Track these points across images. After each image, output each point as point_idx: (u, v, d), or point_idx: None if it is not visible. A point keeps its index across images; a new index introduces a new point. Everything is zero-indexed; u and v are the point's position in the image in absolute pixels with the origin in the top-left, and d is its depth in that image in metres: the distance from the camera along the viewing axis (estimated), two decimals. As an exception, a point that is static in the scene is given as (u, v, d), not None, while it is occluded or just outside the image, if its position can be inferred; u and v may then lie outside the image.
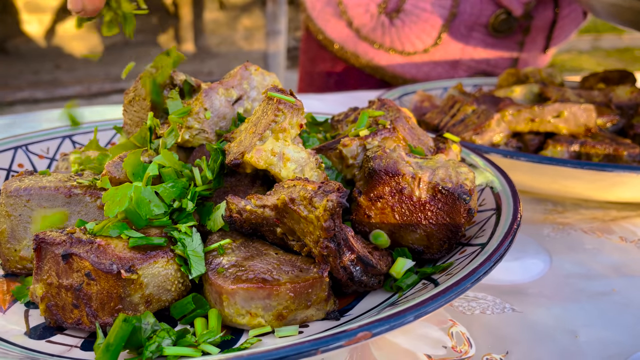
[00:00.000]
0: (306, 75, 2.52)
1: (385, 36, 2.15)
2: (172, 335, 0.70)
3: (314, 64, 2.44)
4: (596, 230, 1.21)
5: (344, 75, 2.35)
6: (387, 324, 0.62)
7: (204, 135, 0.96)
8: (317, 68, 2.42)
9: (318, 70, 2.42)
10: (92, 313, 0.75)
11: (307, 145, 1.05)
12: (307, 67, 2.49)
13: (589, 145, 1.35)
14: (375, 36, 2.16)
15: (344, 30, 2.23)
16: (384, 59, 2.21)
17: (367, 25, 2.15)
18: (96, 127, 1.19)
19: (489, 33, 2.08)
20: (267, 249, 0.83)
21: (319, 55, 2.39)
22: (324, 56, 2.37)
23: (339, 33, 2.26)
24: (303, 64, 2.55)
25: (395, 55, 2.18)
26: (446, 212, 0.87)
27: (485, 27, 2.06)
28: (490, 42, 2.10)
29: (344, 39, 2.25)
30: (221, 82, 0.99)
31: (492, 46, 2.12)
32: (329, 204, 0.73)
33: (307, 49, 2.47)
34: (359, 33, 2.17)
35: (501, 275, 1.04)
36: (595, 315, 0.92)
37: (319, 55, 2.39)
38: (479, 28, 2.07)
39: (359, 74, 2.30)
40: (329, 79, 2.39)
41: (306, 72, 2.52)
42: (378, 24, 2.13)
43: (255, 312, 0.74)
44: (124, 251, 0.76)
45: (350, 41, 2.24)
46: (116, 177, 0.85)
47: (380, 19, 2.11)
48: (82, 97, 7.67)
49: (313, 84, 2.48)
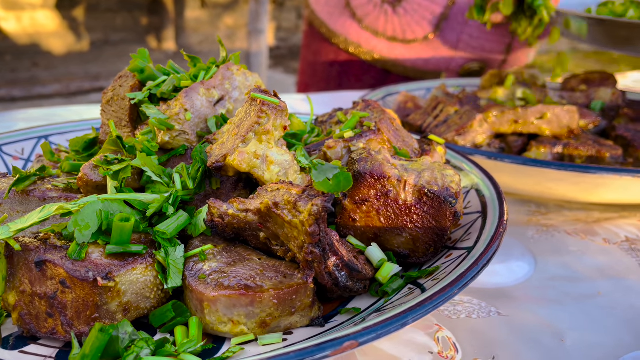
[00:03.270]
0: (309, 67, 2.64)
1: (387, 25, 2.25)
2: (150, 345, 0.67)
3: (316, 57, 2.56)
4: (580, 232, 1.21)
5: (346, 66, 2.45)
6: (374, 332, 0.61)
7: (184, 137, 0.93)
8: (320, 60, 2.54)
9: (321, 62, 2.54)
10: (67, 322, 0.72)
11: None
12: (310, 59, 2.62)
13: (572, 147, 1.36)
14: (378, 25, 2.27)
15: (347, 21, 2.34)
16: (385, 49, 2.31)
17: (370, 14, 2.26)
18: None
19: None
20: (250, 254, 0.81)
21: (322, 48, 2.50)
22: (326, 49, 2.48)
23: (342, 25, 2.37)
24: (305, 57, 2.67)
25: (396, 44, 2.28)
26: (432, 216, 0.86)
27: None
28: (485, 29, 2.21)
29: (347, 30, 2.36)
30: (202, 82, 0.96)
31: (487, 33, 2.23)
32: (314, 208, 0.71)
33: (310, 42, 2.60)
34: (362, 23, 2.28)
35: (487, 278, 1.03)
36: (581, 318, 0.92)
37: (322, 48, 2.50)
38: None
39: (361, 64, 2.41)
40: (332, 70, 2.50)
41: (309, 65, 2.64)
42: (381, 12, 2.23)
43: (238, 320, 0.72)
44: (100, 257, 0.73)
45: (353, 32, 2.34)
46: (93, 180, 0.82)
47: (384, 7, 2.22)
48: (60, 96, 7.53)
49: (316, 76, 2.60)
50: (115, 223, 0.73)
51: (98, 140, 1.04)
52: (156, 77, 1.01)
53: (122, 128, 1.00)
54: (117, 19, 8.51)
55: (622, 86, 2.54)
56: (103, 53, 8.34)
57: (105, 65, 8.23)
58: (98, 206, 0.75)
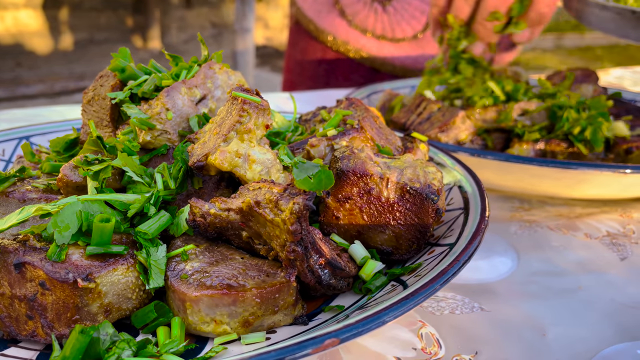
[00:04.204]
0: (296, 65, 2.61)
1: (377, 23, 2.25)
2: (132, 346, 0.67)
3: (304, 55, 2.53)
4: (562, 227, 1.22)
5: (334, 64, 2.44)
6: (355, 329, 0.61)
7: (166, 137, 0.92)
8: (307, 58, 2.52)
9: (308, 60, 2.51)
10: (47, 324, 0.71)
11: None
12: (297, 58, 2.59)
13: (554, 143, 1.37)
14: (367, 23, 2.27)
15: (336, 19, 2.33)
16: (374, 47, 2.31)
17: (359, 12, 2.26)
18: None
19: None
20: (233, 253, 0.81)
21: (310, 46, 2.48)
22: (314, 47, 2.46)
23: (330, 23, 2.35)
24: (292, 55, 2.64)
25: (385, 42, 2.28)
26: (414, 213, 0.86)
27: None
28: None
29: (336, 28, 2.35)
30: (184, 81, 0.96)
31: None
32: (296, 206, 0.71)
33: (297, 41, 2.57)
34: (351, 21, 2.28)
35: (470, 274, 1.04)
36: (562, 312, 0.93)
37: (310, 46, 2.48)
38: None
39: (349, 62, 2.39)
40: (319, 68, 2.48)
41: (296, 63, 2.61)
42: (371, 10, 2.24)
43: (221, 320, 0.72)
44: (81, 259, 0.72)
45: (342, 30, 2.33)
46: (73, 180, 0.81)
47: (374, 6, 2.23)
48: (45, 96, 7.45)
49: (303, 74, 2.57)
50: (95, 224, 0.73)
51: (79, 140, 1.03)
52: (137, 77, 1.00)
53: (103, 128, 0.99)
54: (101, 18, 8.43)
55: (604, 82, 2.57)
56: (87, 52, 8.26)
57: (89, 64, 8.15)
58: (78, 207, 0.75)
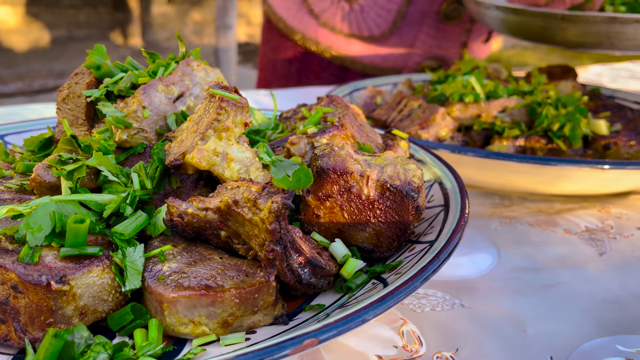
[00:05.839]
0: (268, 63, 2.60)
1: (344, 21, 2.24)
2: (108, 349, 0.65)
3: (275, 53, 2.52)
4: (542, 223, 1.23)
5: (305, 62, 2.43)
6: (334, 329, 0.60)
7: (143, 135, 0.91)
8: (279, 56, 2.50)
9: (280, 58, 2.50)
10: (20, 328, 0.69)
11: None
12: (269, 55, 2.57)
13: (534, 139, 1.38)
14: (335, 22, 2.25)
15: (305, 17, 2.32)
16: (343, 45, 2.30)
17: (327, 10, 2.25)
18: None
19: (440, 20, 2.23)
20: (212, 253, 0.79)
21: (281, 44, 2.46)
22: (285, 45, 2.44)
23: (299, 20, 2.34)
24: (264, 53, 2.63)
25: (354, 40, 2.27)
26: (395, 210, 0.86)
27: (437, 13, 2.21)
28: (442, 28, 2.24)
29: (305, 26, 2.34)
30: (161, 78, 0.94)
31: (443, 32, 2.26)
32: (274, 205, 0.70)
33: (269, 38, 2.55)
34: (319, 19, 2.27)
35: (451, 270, 1.04)
36: (542, 308, 0.94)
37: (281, 44, 2.46)
38: (431, 14, 2.21)
39: (320, 61, 2.39)
40: (291, 66, 2.47)
41: (268, 61, 2.60)
42: (338, 8, 2.22)
43: (199, 321, 0.71)
44: (54, 261, 0.71)
45: (311, 28, 2.32)
46: (46, 180, 0.79)
47: (340, 4, 2.21)
48: (23, 94, 7.32)
49: (276, 72, 2.56)
50: (69, 225, 0.71)
51: (54, 139, 1.01)
52: (114, 74, 0.98)
53: (78, 126, 0.97)
54: (80, 15, 8.30)
55: (583, 79, 2.60)
56: (67, 50, 8.12)
57: (69, 62, 8.02)
58: (51, 208, 0.73)
